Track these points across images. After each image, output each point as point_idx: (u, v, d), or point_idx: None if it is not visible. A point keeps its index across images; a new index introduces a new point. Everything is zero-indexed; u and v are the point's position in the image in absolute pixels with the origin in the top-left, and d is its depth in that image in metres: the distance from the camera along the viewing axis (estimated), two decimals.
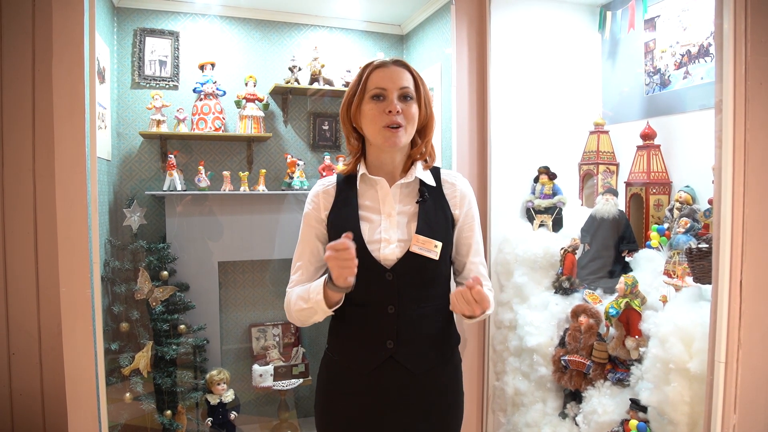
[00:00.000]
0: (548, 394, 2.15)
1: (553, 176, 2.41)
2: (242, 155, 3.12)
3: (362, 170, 1.44)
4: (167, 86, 2.95)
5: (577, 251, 2.19)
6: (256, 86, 3.00)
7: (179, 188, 2.78)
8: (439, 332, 1.44)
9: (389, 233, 1.37)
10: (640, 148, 2.22)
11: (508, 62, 2.45)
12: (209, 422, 2.77)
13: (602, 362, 1.91)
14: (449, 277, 1.50)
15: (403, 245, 1.37)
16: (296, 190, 2.97)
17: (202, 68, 2.93)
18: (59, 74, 1.59)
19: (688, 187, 2.02)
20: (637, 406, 1.69)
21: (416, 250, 1.35)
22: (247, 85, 2.98)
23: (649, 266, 1.96)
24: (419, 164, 1.45)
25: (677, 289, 1.75)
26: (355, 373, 1.41)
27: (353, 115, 1.42)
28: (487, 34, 2.40)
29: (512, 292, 2.35)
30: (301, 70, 3.07)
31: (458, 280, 1.52)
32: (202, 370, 2.82)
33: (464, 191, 1.49)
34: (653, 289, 1.86)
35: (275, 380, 2.96)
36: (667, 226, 2.00)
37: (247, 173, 2.95)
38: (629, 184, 2.26)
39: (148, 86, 2.91)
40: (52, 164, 1.60)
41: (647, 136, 2.20)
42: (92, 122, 1.70)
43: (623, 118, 2.47)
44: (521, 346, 2.23)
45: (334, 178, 1.50)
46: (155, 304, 2.65)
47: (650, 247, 2.01)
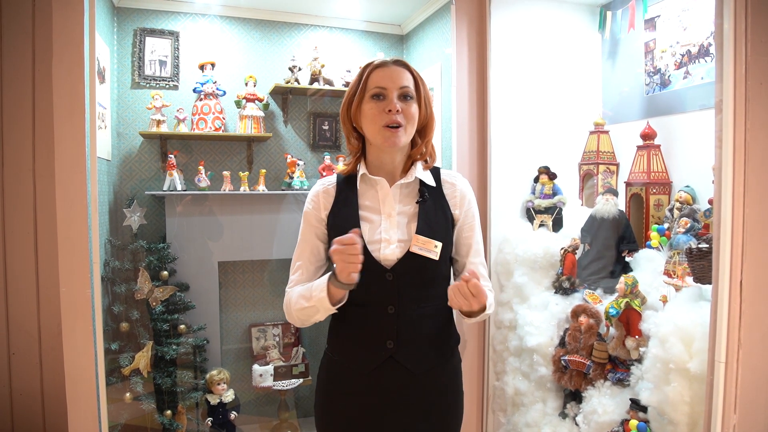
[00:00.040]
0: (548, 394, 2.15)
1: (553, 176, 2.41)
2: (242, 155, 3.12)
3: (362, 170, 1.44)
4: (167, 86, 2.95)
5: (577, 251, 2.20)
6: (256, 86, 3.00)
7: (179, 188, 2.78)
8: (439, 332, 1.44)
9: (389, 233, 1.37)
10: (640, 148, 2.22)
11: (508, 62, 2.45)
12: (209, 422, 2.77)
13: (602, 362, 1.91)
14: (449, 277, 1.50)
15: (403, 245, 1.37)
16: (296, 190, 2.97)
17: (202, 68, 2.94)
18: (59, 74, 1.59)
19: (688, 187, 2.02)
20: (637, 406, 1.69)
21: (416, 250, 1.35)
22: (247, 85, 2.98)
23: (649, 266, 1.96)
24: (419, 164, 1.45)
25: (677, 289, 1.75)
26: (355, 373, 1.41)
27: (353, 114, 1.42)
28: (487, 34, 2.40)
29: (512, 292, 2.35)
30: (301, 70, 3.07)
31: (458, 280, 1.52)
32: (202, 370, 2.82)
33: (464, 191, 1.49)
34: (653, 289, 1.86)
35: (275, 380, 2.96)
36: (667, 226, 2.00)
37: (247, 173, 2.95)
38: (629, 184, 2.26)
39: (148, 86, 2.91)
40: (52, 164, 1.60)
41: (647, 136, 2.20)
42: (92, 122, 1.70)
43: (623, 118, 2.47)
44: (521, 346, 2.23)
45: (334, 177, 1.50)
46: (155, 304, 2.65)
47: (650, 247, 2.01)
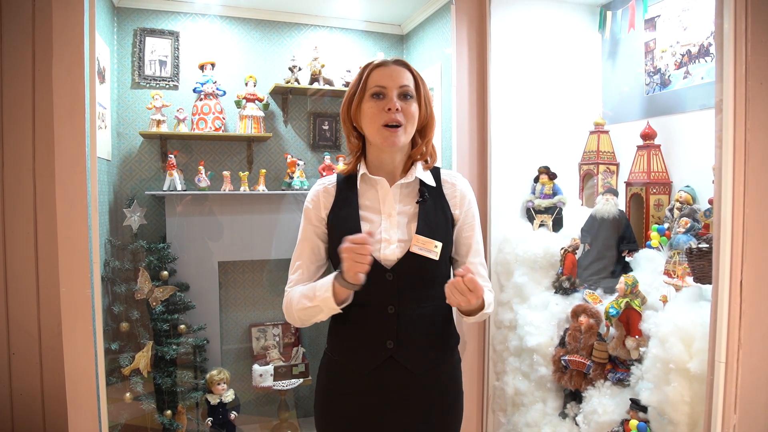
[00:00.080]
0: (548, 394, 2.15)
1: (553, 176, 2.41)
2: (242, 155, 3.12)
3: (362, 170, 1.44)
4: (167, 86, 2.95)
5: (577, 251, 2.20)
6: (256, 86, 3.00)
7: (179, 188, 2.78)
8: (438, 332, 1.44)
9: (389, 233, 1.37)
10: (640, 148, 2.22)
11: (508, 62, 2.45)
12: (209, 422, 2.77)
13: (602, 362, 1.90)
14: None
15: (403, 245, 1.37)
16: (296, 190, 2.97)
17: (202, 68, 2.94)
18: (59, 74, 1.59)
19: (688, 187, 2.02)
20: (637, 406, 1.69)
21: (416, 250, 1.35)
22: (247, 85, 2.98)
23: (649, 266, 1.96)
24: (419, 164, 1.45)
25: (677, 289, 1.75)
26: (355, 373, 1.41)
27: (353, 113, 1.42)
28: (487, 34, 2.40)
29: (512, 292, 2.35)
30: (301, 70, 3.07)
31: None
32: (202, 370, 2.82)
33: (464, 191, 1.49)
34: (653, 289, 1.86)
35: (275, 380, 2.96)
36: (667, 226, 2.00)
37: (247, 173, 2.95)
38: (629, 184, 2.26)
39: (148, 86, 2.91)
40: (52, 164, 1.60)
41: (647, 136, 2.20)
42: (92, 122, 1.70)
43: (623, 118, 2.47)
44: (521, 346, 2.23)
45: (334, 177, 1.50)
46: (155, 304, 2.65)
47: (650, 247, 2.01)
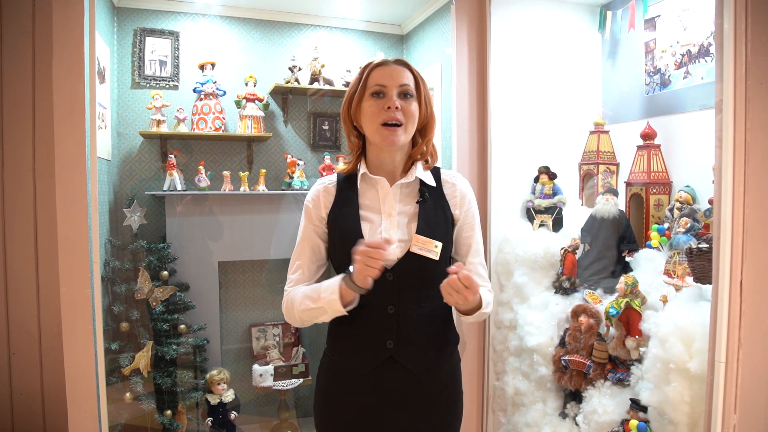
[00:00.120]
0: (548, 394, 2.15)
1: (553, 176, 2.41)
2: (242, 155, 3.12)
3: (363, 169, 1.44)
4: (167, 86, 2.95)
5: (577, 251, 2.19)
6: (256, 86, 3.00)
7: (179, 188, 2.78)
8: (438, 332, 1.45)
9: (390, 233, 1.37)
10: (640, 148, 2.22)
11: (508, 62, 2.45)
12: (209, 422, 2.77)
13: (602, 362, 1.90)
14: None
15: (403, 245, 1.37)
16: (296, 190, 2.97)
17: (202, 68, 2.94)
18: (59, 74, 1.59)
19: (688, 187, 2.02)
20: (637, 406, 1.69)
21: (416, 250, 1.35)
22: (247, 85, 2.98)
23: (649, 266, 1.96)
24: (419, 164, 1.45)
25: (677, 289, 1.75)
26: (354, 373, 1.41)
27: (353, 112, 1.42)
28: (487, 34, 2.40)
29: (512, 292, 2.35)
30: (301, 70, 3.07)
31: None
32: (202, 369, 2.82)
33: (464, 191, 1.49)
34: (653, 289, 1.86)
35: (275, 380, 2.96)
36: (667, 226, 2.00)
37: (247, 173, 2.95)
38: (629, 184, 2.26)
39: (148, 86, 2.91)
40: (52, 164, 1.60)
41: (647, 136, 2.20)
42: (92, 122, 1.70)
43: (623, 118, 2.47)
44: (521, 346, 2.23)
45: (334, 177, 1.50)
46: (155, 304, 2.65)
47: (650, 247, 2.01)
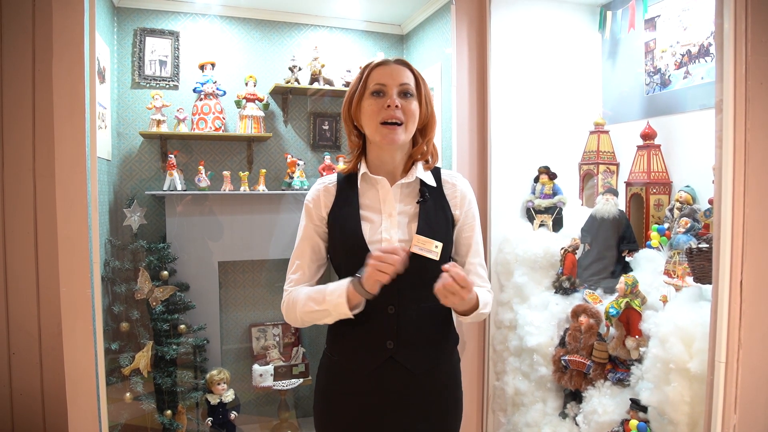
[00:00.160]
0: (548, 394, 2.15)
1: (553, 176, 2.41)
2: (242, 155, 3.12)
3: (363, 169, 1.44)
4: (167, 86, 2.95)
5: (577, 251, 2.19)
6: (256, 86, 3.00)
7: (179, 188, 2.78)
8: (438, 332, 1.45)
9: (390, 233, 1.37)
10: (640, 148, 2.22)
11: (508, 62, 2.45)
12: (209, 422, 2.77)
13: (602, 362, 1.91)
14: None
15: (403, 245, 1.36)
16: (296, 190, 2.97)
17: (202, 68, 2.93)
18: (59, 74, 1.59)
19: (688, 186, 2.02)
20: (637, 406, 1.69)
21: (416, 250, 1.35)
22: (247, 84, 2.98)
23: (649, 266, 1.96)
24: (420, 164, 1.45)
25: (677, 289, 1.75)
26: (354, 373, 1.40)
27: (353, 112, 1.42)
28: (487, 34, 2.40)
29: (512, 292, 2.35)
30: (301, 69, 3.06)
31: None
32: (202, 369, 2.82)
33: (464, 191, 1.49)
34: (653, 289, 1.86)
35: (275, 380, 2.96)
36: (667, 226, 2.00)
37: (247, 173, 2.94)
38: (629, 184, 2.26)
39: (148, 86, 2.91)
40: (52, 164, 1.60)
41: (647, 135, 2.20)
42: (92, 122, 1.70)
43: (623, 117, 2.47)
44: (521, 346, 2.23)
45: (334, 176, 1.50)
46: (155, 304, 2.65)
47: (650, 247, 2.01)
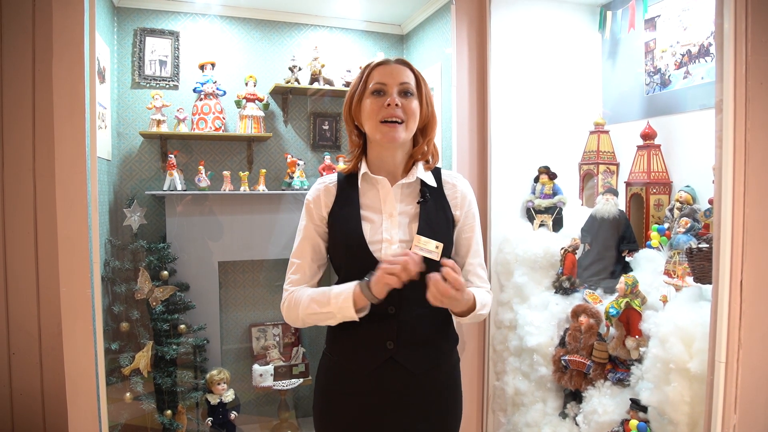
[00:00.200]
0: (548, 394, 2.15)
1: (553, 176, 2.41)
2: (242, 155, 3.12)
3: (364, 169, 1.44)
4: (167, 86, 2.95)
5: (577, 251, 2.20)
6: (256, 86, 3.00)
7: (179, 188, 2.78)
8: (438, 332, 1.44)
9: (391, 233, 1.37)
10: (640, 148, 2.22)
11: (508, 62, 2.45)
12: (209, 422, 2.77)
13: (602, 362, 1.91)
14: None
15: (404, 246, 1.37)
16: (296, 190, 2.97)
17: (202, 68, 2.93)
18: (59, 74, 1.59)
19: (688, 186, 2.02)
20: (637, 406, 1.69)
21: (417, 250, 1.35)
22: (247, 84, 2.98)
23: (649, 266, 1.96)
24: (420, 165, 1.45)
25: (677, 289, 1.75)
26: (354, 373, 1.40)
27: (354, 111, 1.43)
28: (487, 34, 2.40)
29: (512, 292, 2.35)
30: (301, 69, 3.06)
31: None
32: (202, 369, 2.82)
33: (465, 192, 1.49)
34: (653, 289, 1.86)
35: (275, 380, 2.96)
36: (667, 226, 2.00)
37: (247, 173, 2.94)
38: (629, 184, 2.26)
39: (148, 86, 2.91)
40: (52, 164, 1.60)
41: (647, 135, 2.20)
42: (92, 122, 1.70)
43: (623, 117, 2.47)
44: (521, 346, 2.23)
45: (335, 176, 1.50)
46: (155, 303, 2.65)
47: (650, 247, 2.01)
